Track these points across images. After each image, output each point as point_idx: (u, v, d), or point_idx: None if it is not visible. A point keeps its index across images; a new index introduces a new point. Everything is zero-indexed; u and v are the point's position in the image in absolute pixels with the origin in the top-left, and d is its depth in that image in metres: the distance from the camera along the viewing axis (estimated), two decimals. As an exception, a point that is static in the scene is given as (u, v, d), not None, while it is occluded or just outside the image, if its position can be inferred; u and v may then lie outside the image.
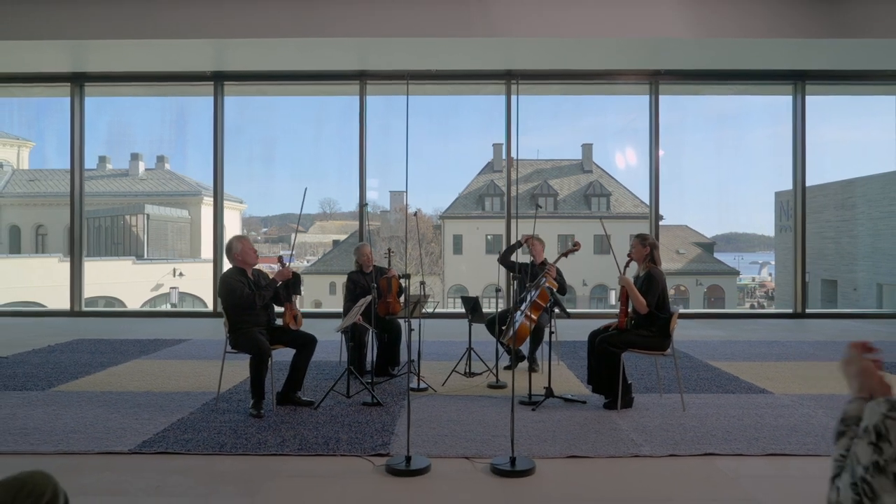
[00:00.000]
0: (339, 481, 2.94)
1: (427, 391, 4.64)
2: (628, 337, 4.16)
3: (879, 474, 1.03)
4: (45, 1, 7.94)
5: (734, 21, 7.82)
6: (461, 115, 39.78)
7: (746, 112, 36.68)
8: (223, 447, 3.38)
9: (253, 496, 2.76)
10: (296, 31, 7.90)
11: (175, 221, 27.61)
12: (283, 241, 34.57)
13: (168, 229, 27.35)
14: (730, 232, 37.00)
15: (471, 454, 3.28)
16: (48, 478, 1.44)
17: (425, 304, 5.00)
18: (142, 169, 30.36)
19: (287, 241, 35.70)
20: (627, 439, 3.54)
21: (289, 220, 36.32)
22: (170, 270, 24.29)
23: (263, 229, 34.75)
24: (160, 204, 27.43)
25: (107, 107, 31.34)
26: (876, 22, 7.79)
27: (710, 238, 33.52)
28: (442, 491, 2.85)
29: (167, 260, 25.25)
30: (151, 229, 26.64)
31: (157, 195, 28.29)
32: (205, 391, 4.63)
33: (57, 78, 9.81)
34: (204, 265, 25.22)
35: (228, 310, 4.20)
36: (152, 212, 26.74)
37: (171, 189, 29.00)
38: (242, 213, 28.15)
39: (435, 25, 7.80)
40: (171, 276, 24.14)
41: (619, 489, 2.91)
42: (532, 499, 2.77)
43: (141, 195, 28.14)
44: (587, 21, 7.80)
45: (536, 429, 3.72)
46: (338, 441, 3.48)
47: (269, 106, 32.10)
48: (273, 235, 35.28)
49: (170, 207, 27.68)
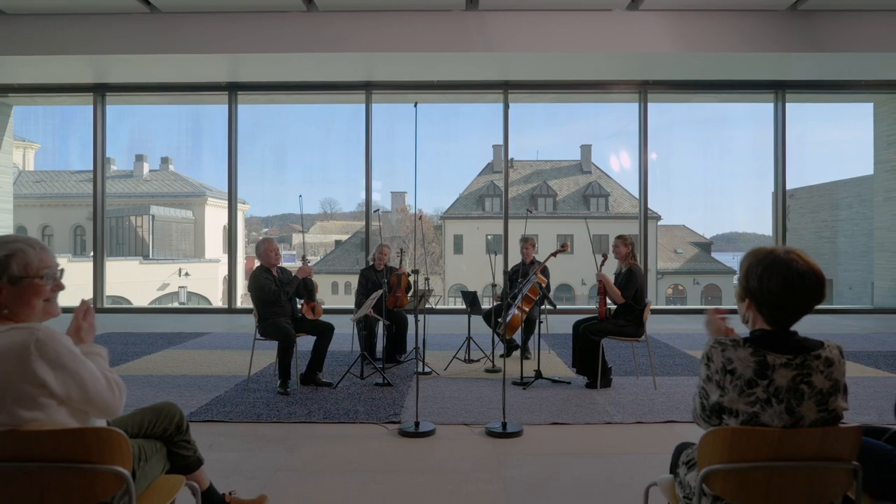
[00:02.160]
0: (360, 441, 3.55)
1: (431, 374, 5.25)
2: (607, 325, 4.77)
3: (709, 382, 1.62)
4: (71, 19, 8.53)
5: (717, 36, 8.40)
6: (462, 117, 40.39)
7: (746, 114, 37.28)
8: (260, 416, 4.00)
9: (291, 451, 3.37)
10: (306, 46, 8.48)
11: (179, 222, 28.15)
12: (284, 242, 35.14)
13: (173, 230, 27.87)
14: (730, 231, 37.51)
15: (469, 421, 3.89)
16: (175, 405, 2.04)
17: (429, 298, 5.61)
18: (146, 170, 30.93)
19: (288, 241, 36.26)
20: (603, 410, 4.16)
21: (289, 220, 36.92)
22: (175, 270, 24.85)
23: (264, 229, 35.23)
24: (164, 205, 27.88)
25: (127, 114, 31.95)
26: (847, 36, 8.38)
27: (710, 238, 34.06)
28: (445, 448, 3.45)
29: (173, 260, 25.80)
30: (156, 230, 27.18)
31: (161, 196, 28.83)
32: (235, 375, 5.23)
33: (81, 88, 10.42)
34: (208, 265, 25.82)
35: (257, 303, 4.81)
36: (157, 213, 27.25)
37: (176, 190, 29.54)
38: (245, 214, 28.68)
39: (435, 41, 8.39)
40: (178, 275, 24.71)
41: (591, 446, 3.52)
42: (519, 454, 3.38)
43: (146, 196, 28.67)
44: (578, 37, 8.39)
45: (526, 403, 4.34)
46: (356, 412, 4.09)
47: (280, 113, 32.75)
48: (274, 235, 35.74)
49: (174, 208, 28.16)
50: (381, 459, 3.27)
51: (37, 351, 1.45)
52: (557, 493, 2.85)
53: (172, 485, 1.85)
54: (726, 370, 1.55)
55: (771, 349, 1.53)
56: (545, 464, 3.22)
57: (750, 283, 1.56)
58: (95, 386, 1.56)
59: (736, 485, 1.51)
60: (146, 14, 8.43)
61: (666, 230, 32.74)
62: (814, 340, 1.57)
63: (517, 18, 8.37)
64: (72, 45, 8.62)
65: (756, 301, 1.56)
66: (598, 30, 8.39)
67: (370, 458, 3.29)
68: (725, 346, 1.57)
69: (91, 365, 1.57)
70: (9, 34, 8.52)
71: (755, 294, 1.55)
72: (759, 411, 1.52)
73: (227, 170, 10.42)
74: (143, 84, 10.27)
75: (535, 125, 35.20)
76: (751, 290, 1.56)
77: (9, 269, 1.52)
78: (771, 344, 1.54)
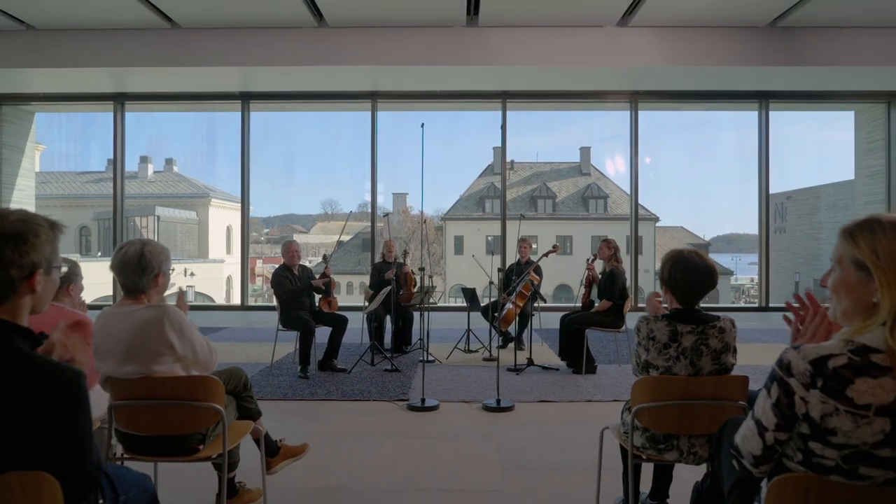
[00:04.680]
0: (374, 415, 4.15)
1: (434, 362, 5.85)
2: (590, 317, 5.37)
3: (639, 346, 2.21)
4: (95, 34, 9.12)
5: (702, 51, 8.98)
6: (462, 120, 40.94)
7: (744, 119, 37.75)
8: (286, 395, 4.60)
9: (317, 421, 3.97)
10: (316, 59, 9.07)
11: (184, 223, 28.70)
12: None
13: (177, 230, 28.42)
14: (731, 233, 38.00)
15: (468, 399, 4.49)
16: (241, 369, 2.64)
17: (432, 294, 6.20)
18: (150, 171, 31.50)
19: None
20: (585, 391, 4.75)
21: (290, 220, 37.46)
22: (181, 270, 25.41)
23: (265, 230, 35.69)
24: (168, 206, 28.35)
25: (146, 121, 32.55)
26: (825, 51, 8.96)
27: (711, 239, 34.55)
28: (447, 419, 4.05)
29: (178, 260, 26.34)
30: (162, 231, 27.74)
31: (165, 197, 29.37)
32: (258, 363, 5.83)
33: (101, 97, 11.02)
34: (212, 265, 26.37)
35: (279, 298, 5.41)
36: (163, 213, 27.80)
37: (180, 191, 30.10)
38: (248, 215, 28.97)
39: (437, 55, 8.96)
40: (183, 275, 25.28)
41: (572, 418, 4.11)
42: (511, 424, 3.97)
43: (150, 197, 29.23)
44: (572, 52, 8.96)
45: (518, 385, 4.93)
46: (369, 392, 4.69)
47: (290, 120, 33.34)
48: (275, 236, 36.08)
49: (178, 209, 28.67)
50: (394, 427, 3.87)
51: (168, 322, 2.06)
52: (541, 450, 3.44)
53: (244, 426, 2.45)
54: (649, 337, 2.15)
55: (680, 321, 2.13)
56: (532, 431, 3.81)
57: (665, 275, 2.16)
58: (202, 348, 2.16)
59: (657, 418, 2.10)
60: (167, 29, 9.03)
61: (664, 231, 33.27)
62: (712, 315, 2.17)
63: (514, 34, 8.94)
64: (95, 57, 9.20)
65: (670, 287, 2.16)
66: (591, 44, 8.97)
67: (384, 426, 3.89)
68: (648, 320, 2.17)
69: (199, 334, 2.17)
70: (37, 47, 9.12)
71: (668, 282, 2.15)
72: (672, 365, 2.12)
73: (240, 174, 11.02)
74: (160, 93, 10.87)
75: (534, 129, 35.79)
76: (665, 280, 2.16)
77: (162, 265, 2.16)
78: (680, 317, 2.14)
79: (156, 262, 2.13)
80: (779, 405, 1.22)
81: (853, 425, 1.14)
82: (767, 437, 1.26)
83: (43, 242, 1.27)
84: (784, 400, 1.21)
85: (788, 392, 1.20)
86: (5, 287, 1.23)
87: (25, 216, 1.27)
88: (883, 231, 1.18)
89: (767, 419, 1.25)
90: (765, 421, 1.26)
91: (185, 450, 2.16)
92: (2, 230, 1.22)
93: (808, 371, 1.18)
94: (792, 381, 1.20)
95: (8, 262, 1.22)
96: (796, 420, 1.21)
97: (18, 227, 1.24)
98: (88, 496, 1.30)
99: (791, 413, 1.21)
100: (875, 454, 1.14)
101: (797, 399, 1.19)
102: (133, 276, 2.10)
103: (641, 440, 2.20)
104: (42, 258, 1.27)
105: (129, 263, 2.08)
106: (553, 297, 25.66)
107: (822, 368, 1.16)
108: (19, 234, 1.23)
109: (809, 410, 1.18)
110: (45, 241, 1.27)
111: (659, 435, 2.16)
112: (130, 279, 2.12)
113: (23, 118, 11.52)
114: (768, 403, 1.25)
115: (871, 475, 1.16)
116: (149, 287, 2.13)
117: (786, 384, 1.21)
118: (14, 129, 11.37)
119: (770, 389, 1.25)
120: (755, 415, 1.28)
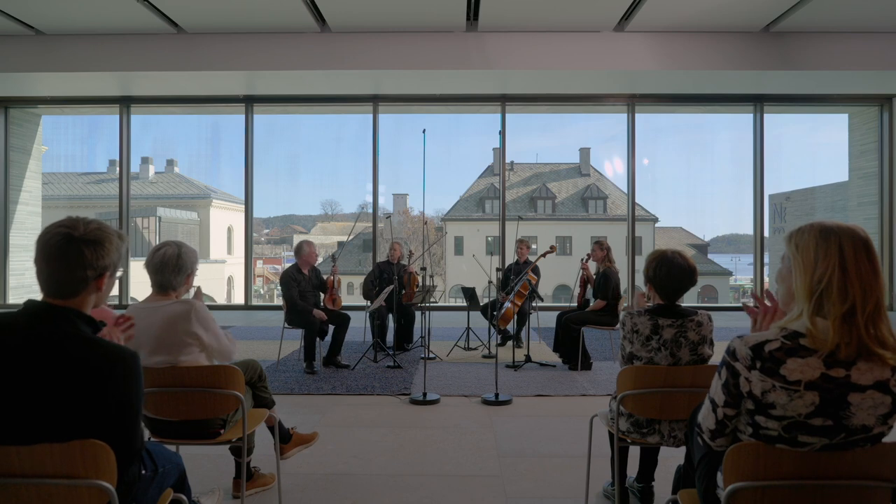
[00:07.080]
0: (378, 407, 4.34)
1: (435, 359, 6.04)
2: (585, 316, 5.56)
3: (624, 339, 2.41)
4: (103, 39, 9.32)
5: (697, 55, 9.17)
6: (463, 121, 41.12)
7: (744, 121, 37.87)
8: (293, 390, 4.79)
9: (324, 414, 4.17)
10: (319, 63, 9.26)
11: (185, 224, 28.87)
12: (285, 242, 35.81)
13: (179, 231, 28.59)
14: (731, 233, 38.07)
15: (468, 394, 4.69)
16: (257, 361, 2.83)
17: (433, 294, 6.39)
18: (151, 172, 31.65)
19: (289, 242, 37.00)
20: (580, 386, 4.95)
21: (290, 221, 37.59)
22: (183, 271, 25.58)
23: (265, 230, 35.81)
24: (169, 206, 28.50)
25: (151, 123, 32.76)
26: (818, 55, 9.16)
27: (711, 240, 34.67)
28: (448, 412, 4.24)
29: (179, 260, 26.50)
30: (162, 231, 27.92)
31: (166, 198, 29.52)
32: (264, 359, 6.01)
33: (107, 100, 11.21)
34: (213, 266, 26.54)
35: (285, 298, 5.60)
36: (164, 214, 27.96)
37: (181, 192, 30.25)
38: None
39: (438, 59, 9.16)
40: (185, 276, 25.44)
41: (567, 411, 4.30)
42: (509, 416, 4.16)
43: (152, 198, 29.38)
44: (570, 56, 9.16)
45: (516, 381, 5.12)
46: (373, 387, 4.88)
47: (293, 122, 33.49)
48: (275, 237, 36.13)
49: (179, 210, 28.82)
50: (397, 419, 4.06)
51: (195, 316, 2.27)
52: (537, 439, 3.64)
53: (260, 414, 2.64)
54: (633, 330, 2.35)
55: (661, 315, 2.32)
56: (529, 422, 4.00)
57: (650, 273, 2.35)
58: (224, 340, 2.36)
59: (640, 404, 2.29)
60: (173, 34, 9.22)
61: (663, 232, 33.42)
62: (690, 310, 2.36)
63: (513, 39, 9.14)
64: (102, 62, 9.39)
65: (654, 284, 2.35)
66: (588, 49, 9.16)
67: (388, 418, 4.08)
68: (633, 314, 2.37)
69: (220, 328, 2.38)
70: (45, 52, 9.31)
71: (652, 280, 2.35)
72: (654, 356, 2.31)
73: (244, 176, 11.22)
74: (166, 97, 11.06)
75: (534, 130, 36.00)
76: (650, 277, 2.36)
77: (194, 266, 2.38)
78: (661, 312, 2.33)
79: (190, 263, 2.34)
80: (727, 385, 1.44)
81: (788, 399, 1.35)
82: (718, 412, 1.48)
83: (114, 249, 1.51)
84: (731, 381, 1.43)
85: (735, 374, 1.42)
86: (79, 283, 1.45)
87: (101, 226, 1.50)
88: (808, 232, 1.40)
89: (718, 397, 1.48)
90: (717, 399, 1.48)
91: (207, 434, 2.36)
92: (85, 236, 1.45)
93: (749, 355, 1.39)
94: (737, 364, 1.42)
95: (87, 263, 1.45)
96: (742, 398, 1.43)
97: (98, 235, 1.47)
98: (134, 464, 1.50)
99: (737, 392, 1.43)
100: (809, 423, 1.35)
101: (742, 379, 1.41)
102: (169, 274, 2.31)
103: (626, 425, 2.39)
104: (111, 263, 1.51)
105: (168, 264, 2.29)
106: (553, 296, 25.82)
107: (759, 352, 1.38)
108: (98, 241, 1.47)
109: (752, 388, 1.39)
110: (115, 249, 1.51)
111: (642, 420, 2.35)
112: (166, 278, 2.33)
113: (30, 121, 11.71)
114: (719, 384, 1.47)
115: (808, 442, 1.37)
116: (180, 285, 2.34)
117: (732, 367, 1.43)
118: (21, 132, 11.57)
119: (720, 372, 1.47)
120: (710, 395, 1.50)
